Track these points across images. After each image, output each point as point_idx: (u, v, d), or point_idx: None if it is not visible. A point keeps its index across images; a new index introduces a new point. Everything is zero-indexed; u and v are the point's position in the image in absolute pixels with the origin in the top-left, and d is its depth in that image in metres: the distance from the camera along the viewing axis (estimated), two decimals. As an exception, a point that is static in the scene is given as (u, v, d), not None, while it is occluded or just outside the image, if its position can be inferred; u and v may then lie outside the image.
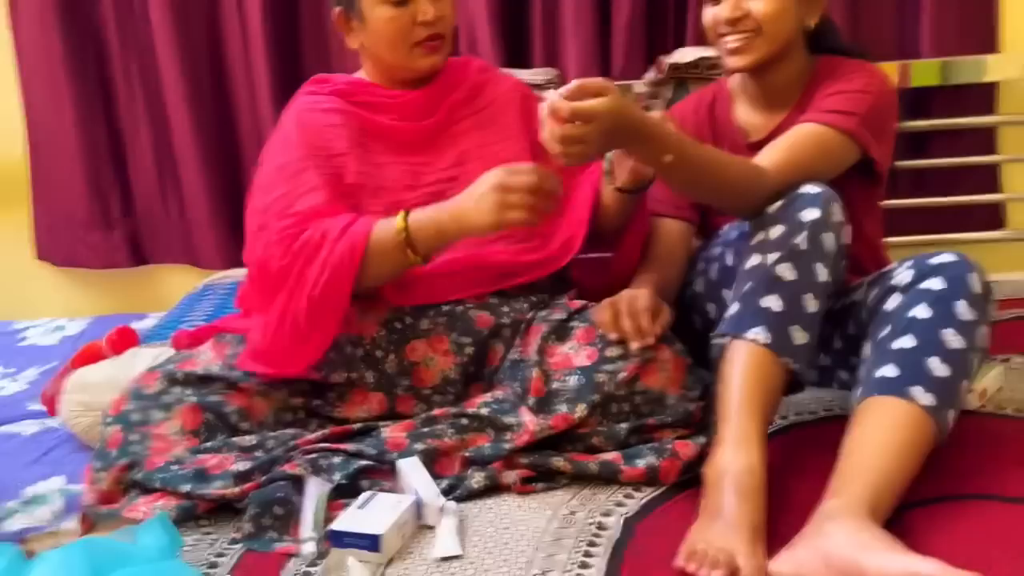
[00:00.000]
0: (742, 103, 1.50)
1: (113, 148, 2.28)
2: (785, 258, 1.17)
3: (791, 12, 1.37)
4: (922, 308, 1.13)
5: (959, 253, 1.18)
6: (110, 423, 1.31)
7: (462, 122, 1.48)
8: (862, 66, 1.40)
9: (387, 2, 1.39)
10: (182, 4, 2.12)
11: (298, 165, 1.39)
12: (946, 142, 2.05)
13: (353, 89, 1.48)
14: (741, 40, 1.37)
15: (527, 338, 1.37)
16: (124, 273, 2.38)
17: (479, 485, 1.18)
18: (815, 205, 1.19)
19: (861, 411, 1.10)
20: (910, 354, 1.10)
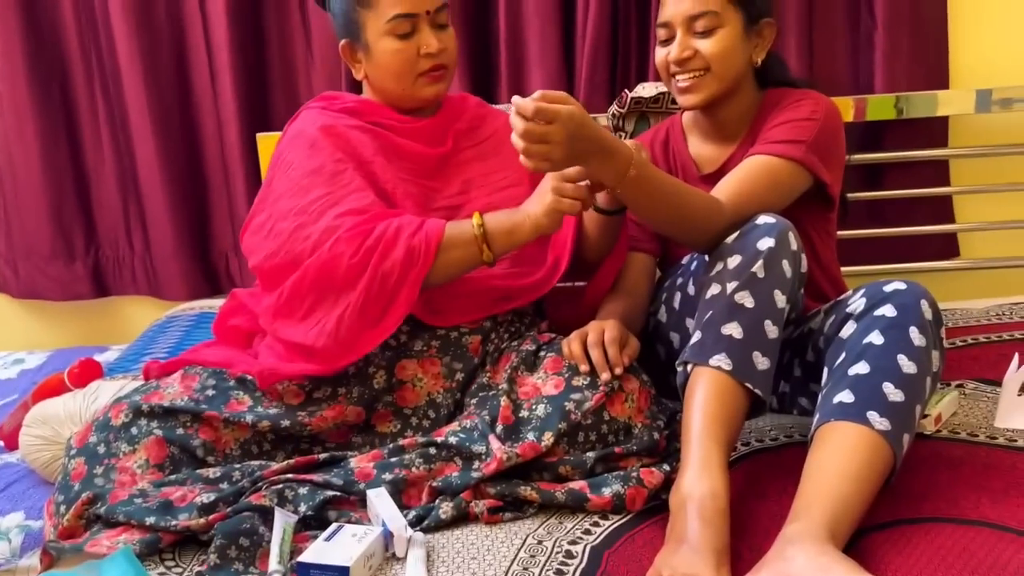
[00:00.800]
0: (694, 137, 1.56)
1: (77, 180, 2.27)
2: (744, 286, 1.20)
3: (738, 50, 1.42)
4: (876, 335, 1.16)
5: (910, 281, 1.21)
6: (74, 455, 1.29)
7: (465, 151, 1.52)
8: (806, 94, 1.46)
9: (392, 35, 1.42)
10: (149, 36, 2.13)
11: (335, 167, 1.40)
12: (901, 174, 2.11)
13: (365, 109, 1.50)
14: (691, 79, 1.42)
15: (497, 365, 1.39)
16: (85, 305, 2.36)
17: (447, 516, 1.18)
18: (770, 235, 1.22)
19: (819, 436, 1.13)
20: (865, 380, 1.13)
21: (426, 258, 1.30)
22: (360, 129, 1.46)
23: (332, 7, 1.50)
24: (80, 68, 2.21)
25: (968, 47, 2.07)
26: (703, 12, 1.40)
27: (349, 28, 1.46)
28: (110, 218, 2.28)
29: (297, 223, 1.37)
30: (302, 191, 1.39)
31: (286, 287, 1.35)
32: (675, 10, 1.42)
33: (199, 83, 2.17)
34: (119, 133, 2.21)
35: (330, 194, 1.37)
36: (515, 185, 1.49)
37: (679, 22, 1.42)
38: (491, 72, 2.13)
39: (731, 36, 1.41)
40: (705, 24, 1.40)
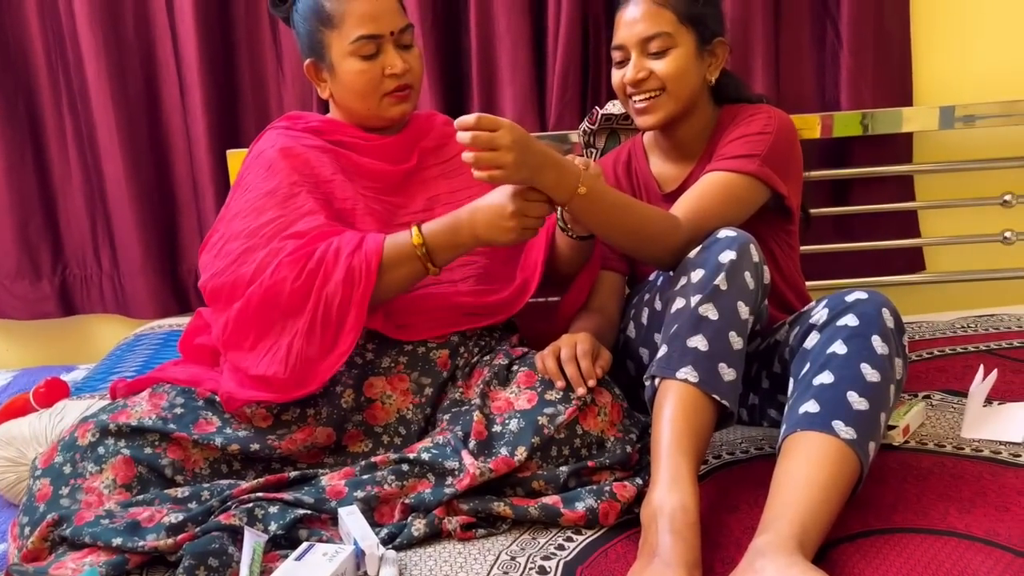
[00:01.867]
0: (655, 156, 1.59)
1: (43, 197, 2.24)
2: (707, 299, 1.21)
3: (692, 70, 1.45)
4: (839, 344, 1.17)
5: (871, 290, 1.23)
6: (39, 476, 1.27)
7: (431, 169, 1.52)
8: (759, 109, 1.49)
9: (356, 55, 1.42)
10: (118, 52, 2.11)
11: (289, 190, 1.39)
12: (867, 190, 2.14)
13: (328, 128, 1.50)
14: (647, 100, 1.46)
15: (469, 380, 1.39)
16: (52, 324, 2.32)
17: (419, 533, 1.17)
18: (731, 247, 1.24)
19: (786, 447, 1.14)
20: (829, 389, 1.14)
21: (368, 278, 1.29)
22: (321, 149, 1.46)
23: (297, 27, 1.49)
24: (47, 84, 2.18)
25: (931, 65, 2.11)
26: (656, 34, 1.43)
27: (314, 48, 1.46)
28: (77, 236, 2.25)
29: (246, 246, 1.36)
30: (255, 212, 1.39)
31: (231, 316, 1.33)
32: (628, 32, 1.45)
33: (168, 100, 2.16)
34: (87, 150, 2.19)
35: (282, 217, 1.37)
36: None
37: (633, 44, 1.45)
38: (462, 90, 2.14)
39: (684, 56, 1.44)
40: (658, 45, 1.43)
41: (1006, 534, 1.08)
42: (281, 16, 1.55)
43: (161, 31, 2.13)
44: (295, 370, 1.29)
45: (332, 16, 1.42)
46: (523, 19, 2.04)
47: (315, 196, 1.40)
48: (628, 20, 1.46)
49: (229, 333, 1.34)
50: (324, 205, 1.40)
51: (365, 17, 1.42)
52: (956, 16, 2.10)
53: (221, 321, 1.35)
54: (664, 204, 1.46)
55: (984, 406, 1.41)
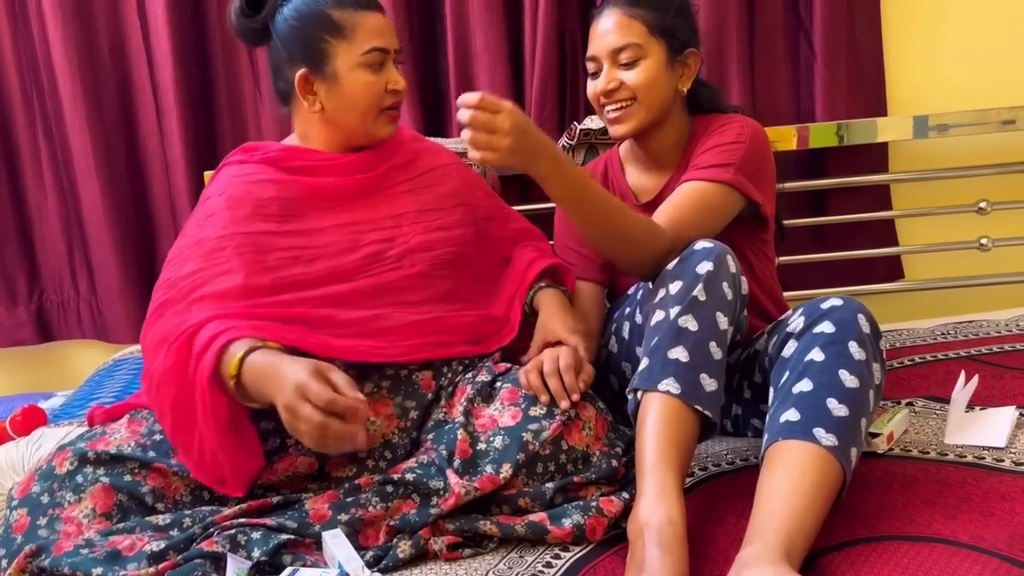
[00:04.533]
0: (631, 167, 1.60)
1: (19, 223, 2.22)
2: (686, 310, 1.22)
3: (663, 80, 1.47)
4: (816, 352, 1.18)
5: (847, 297, 1.24)
6: (16, 506, 1.25)
7: (398, 186, 1.49)
8: (731, 118, 1.50)
9: (365, 67, 1.41)
10: (93, 75, 2.10)
11: (216, 243, 1.37)
12: (844, 200, 2.16)
13: (286, 155, 1.47)
14: (619, 109, 1.47)
15: (452, 399, 1.37)
16: (28, 351, 2.30)
17: (405, 555, 1.15)
18: (708, 258, 1.25)
19: (769, 456, 1.13)
20: (809, 397, 1.14)
21: (203, 396, 1.21)
22: (273, 186, 1.42)
23: (284, 34, 1.42)
24: (21, 109, 2.17)
25: (904, 76, 2.14)
26: (626, 45, 1.44)
27: (313, 58, 1.41)
28: (54, 261, 2.23)
29: (164, 298, 1.35)
30: (180, 262, 1.38)
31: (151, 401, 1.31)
32: (600, 44, 1.47)
33: (145, 123, 2.15)
34: (63, 175, 2.17)
35: (201, 271, 1.34)
36: (449, 228, 1.48)
37: (604, 55, 1.46)
38: (440, 109, 2.14)
39: (654, 66, 1.45)
40: (629, 56, 1.44)
41: (991, 539, 1.08)
42: (252, 27, 1.45)
43: (136, 55, 2.12)
44: (213, 476, 1.25)
45: (342, 26, 1.40)
46: (500, 37, 2.05)
47: (245, 249, 1.36)
48: (600, 32, 1.47)
49: (158, 417, 1.32)
50: (253, 260, 1.35)
51: (377, 30, 1.41)
52: (927, 27, 2.13)
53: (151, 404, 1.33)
54: (647, 213, 1.47)
55: (966, 411, 1.42)
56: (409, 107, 2.07)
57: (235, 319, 1.27)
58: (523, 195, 2.14)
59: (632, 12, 1.45)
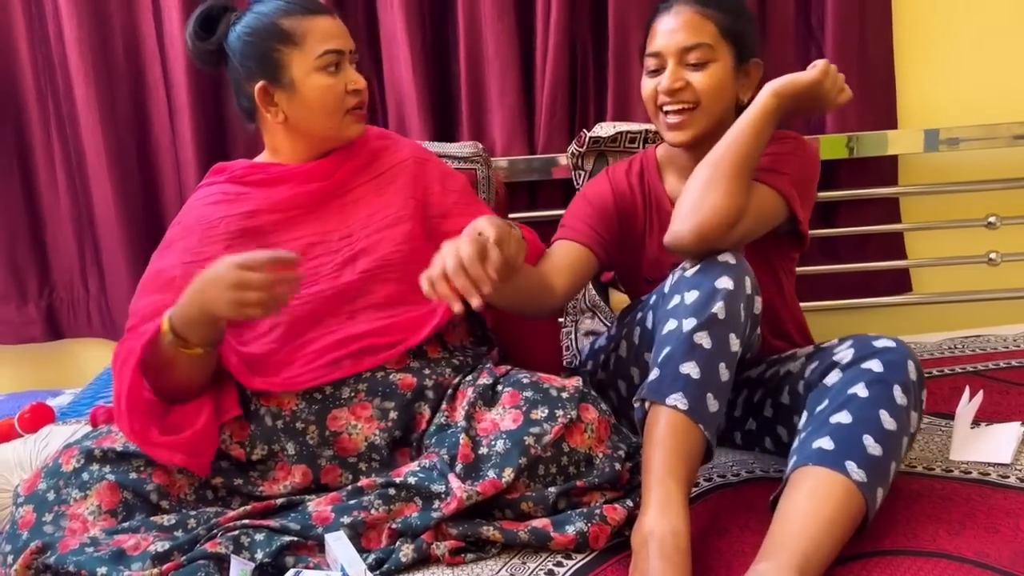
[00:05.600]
0: (671, 174, 1.53)
1: (31, 221, 2.22)
2: (703, 326, 1.20)
3: (728, 87, 1.41)
4: (860, 387, 1.17)
5: (898, 340, 1.23)
6: (22, 503, 1.26)
7: (358, 188, 1.49)
8: (789, 134, 1.45)
9: (321, 71, 1.42)
10: (107, 75, 2.11)
11: (169, 273, 1.42)
12: (853, 212, 2.16)
13: (250, 171, 1.49)
14: (679, 114, 1.39)
15: (454, 403, 1.38)
16: (38, 348, 2.30)
17: (408, 558, 1.16)
18: (729, 275, 1.23)
19: (795, 479, 1.13)
20: (846, 429, 1.14)
21: (122, 377, 1.28)
22: (228, 205, 1.44)
23: (240, 51, 1.43)
24: (35, 109, 2.17)
25: (915, 89, 2.14)
26: (697, 44, 1.37)
27: (267, 69, 1.42)
28: (65, 259, 2.24)
29: (129, 325, 1.40)
30: (143, 292, 1.43)
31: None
32: (667, 40, 1.39)
33: (158, 123, 2.16)
34: (75, 173, 2.18)
35: (156, 302, 1.39)
36: (395, 225, 1.46)
37: (671, 52, 1.39)
38: (451, 114, 2.15)
39: (723, 71, 1.39)
40: (698, 56, 1.37)
41: (995, 555, 1.08)
42: (208, 49, 1.47)
43: (150, 55, 2.12)
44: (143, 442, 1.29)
45: (292, 34, 1.41)
46: (511, 43, 2.06)
47: (191, 280, 1.37)
48: (668, 28, 1.39)
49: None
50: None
51: (328, 33, 1.43)
52: (939, 40, 2.13)
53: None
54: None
55: (972, 427, 1.42)
56: (419, 112, 2.07)
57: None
58: (531, 202, 2.15)
59: (705, 11, 1.38)
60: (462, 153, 1.91)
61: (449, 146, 1.93)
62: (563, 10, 2.02)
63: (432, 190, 1.54)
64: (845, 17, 2.04)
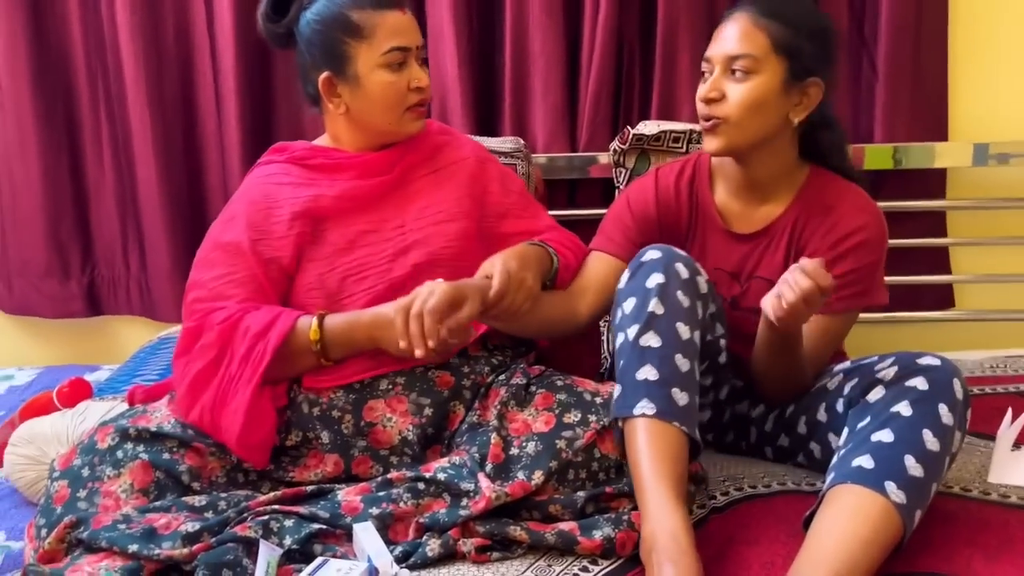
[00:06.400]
0: (721, 185, 1.48)
1: (76, 198, 2.26)
2: (644, 328, 1.21)
3: (772, 103, 1.34)
4: (904, 405, 1.15)
5: (943, 357, 1.21)
6: (57, 478, 1.28)
7: (418, 181, 1.49)
8: (855, 204, 1.39)
9: (386, 67, 1.41)
10: (156, 58, 2.13)
11: (238, 247, 1.41)
12: (898, 224, 2.11)
13: (311, 154, 1.49)
14: (711, 123, 1.37)
15: (486, 401, 1.37)
16: (77, 323, 2.34)
17: (434, 553, 1.16)
18: (657, 270, 1.24)
19: (832, 497, 1.12)
20: (887, 448, 1.12)
21: (258, 363, 1.31)
22: (292, 188, 1.45)
23: (308, 38, 1.44)
24: (85, 87, 2.21)
25: (967, 101, 2.09)
26: (743, 54, 1.32)
27: (334, 60, 1.42)
28: (107, 237, 2.27)
29: (196, 296, 1.41)
30: (207, 265, 1.43)
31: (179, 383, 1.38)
32: (718, 47, 1.36)
33: (204, 107, 2.18)
34: (121, 153, 2.21)
35: (224, 276, 1.40)
36: (449, 221, 1.46)
37: (719, 60, 1.35)
38: (494, 108, 2.14)
39: (765, 85, 1.32)
40: (743, 66, 1.33)
41: (1033, 585, 1.05)
42: (278, 32, 1.47)
43: (200, 40, 2.14)
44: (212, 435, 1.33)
45: (362, 27, 1.40)
46: (558, 41, 2.05)
47: (264, 256, 1.41)
48: (722, 35, 1.36)
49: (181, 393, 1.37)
50: (271, 265, 1.41)
51: (396, 29, 1.41)
52: (994, 52, 2.08)
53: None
54: (731, 241, 1.43)
55: (1012, 450, 1.39)
56: (462, 106, 2.07)
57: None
58: (570, 199, 2.14)
59: (760, 22, 1.33)
60: (503, 148, 1.90)
61: (491, 141, 1.92)
62: (612, 8, 2.00)
63: (491, 190, 1.53)
64: (900, 27, 2.00)
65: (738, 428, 1.51)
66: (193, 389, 1.33)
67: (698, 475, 1.31)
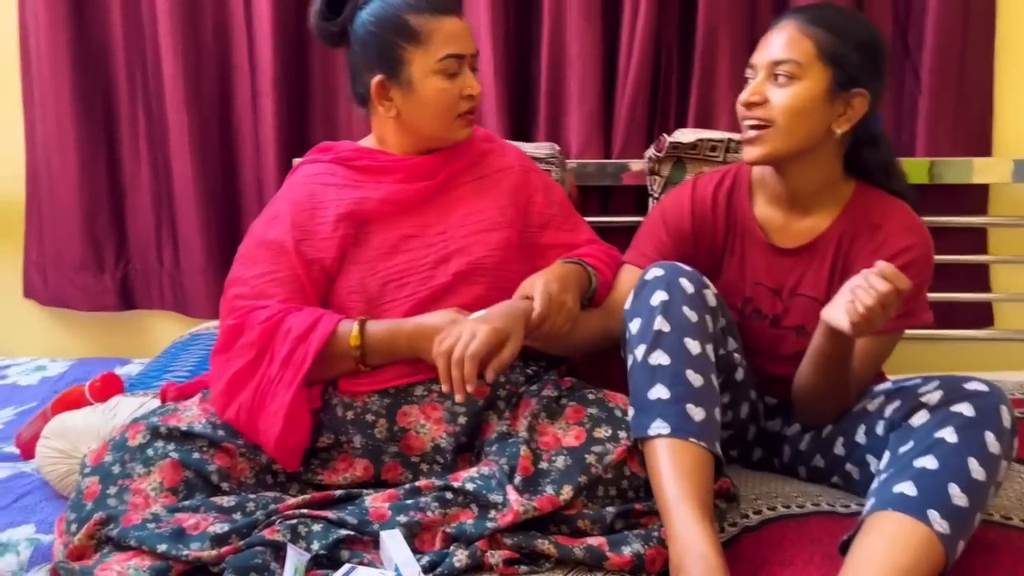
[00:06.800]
0: (761, 196, 1.45)
1: (112, 192, 2.27)
2: (652, 347, 1.21)
3: (815, 110, 1.31)
4: (949, 432, 1.13)
5: (991, 383, 1.18)
6: (88, 474, 1.29)
7: (461, 188, 1.48)
8: (903, 223, 1.37)
9: (440, 74, 1.39)
10: (195, 54, 2.14)
11: (282, 246, 1.41)
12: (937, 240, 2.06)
13: (357, 155, 1.48)
14: (754, 130, 1.34)
15: (517, 411, 1.36)
16: (110, 317, 2.36)
17: (461, 564, 1.15)
18: (660, 287, 1.24)
19: (872, 523, 1.09)
20: (931, 476, 1.10)
21: (300, 367, 1.32)
22: (337, 189, 1.45)
23: (362, 39, 1.42)
24: (124, 84, 2.22)
25: (1014, 117, 2.05)
26: (786, 59, 1.31)
27: (388, 64, 1.41)
28: (142, 232, 2.29)
29: (237, 292, 1.41)
30: (249, 262, 1.43)
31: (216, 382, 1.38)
32: (762, 54, 1.35)
33: (240, 105, 2.19)
34: (157, 149, 2.23)
35: (267, 275, 1.40)
36: (492, 230, 1.45)
37: (763, 65, 1.34)
38: (528, 112, 2.13)
39: (807, 92, 1.30)
40: (785, 71, 1.31)
41: (1078, 621, 1.02)
42: (331, 30, 1.45)
43: (238, 37, 2.15)
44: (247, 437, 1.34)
45: (418, 32, 1.39)
46: (595, 45, 2.03)
47: (307, 256, 1.41)
48: (767, 42, 1.35)
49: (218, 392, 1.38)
50: (314, 265, 1.41)
51: (452, 36, 1.40)
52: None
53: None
54: (773, 256, 1.41)
55: (1054, 477, 1.35)
56: (496, 110, 2.06)
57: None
58: (603, 207, 2.12)
59: (807, 29, 1.31)
60: (538, 154, 1.89)
61: (526, 146, 1.91)
62: (651, 14, 1.98)
63: (534, 200, 1.52)
64: (945, 38, 1.96)
65: (769, 446, 1.48)
66: (231, 387, 1.33)
67: (729, 492, 1.29)
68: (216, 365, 1.38)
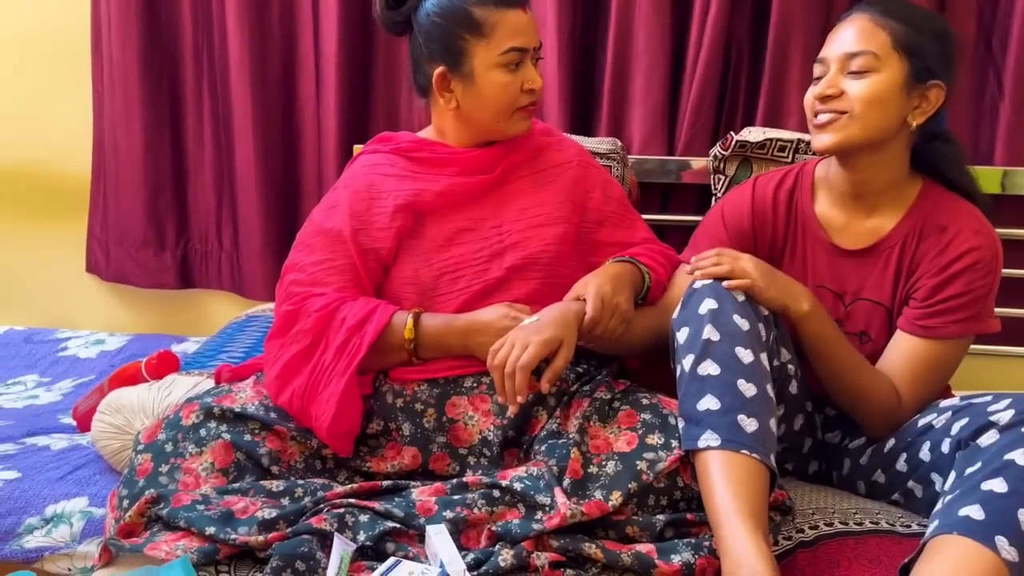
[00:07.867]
0: (824, 195, 1.42)
1: (176, 173, 2.31)
2: (701, 356, 1.18)
3: (892, 101, 1.28)
4: (1020, 454, 1.07)
5: None
6: (141, 451, 1.30)
7: (518, 182, 1.47)
8: (969, 225, 1.33)
9: (503, 67, 1.38)
10: (261, 40, 2.16)
11: (339, 234, 1.41)
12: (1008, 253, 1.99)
13: (416, 147, 1.48)
14: (829, 116, 1.30)
15: (568, 411, 1.34)
16: (168, 294, 2.40)
17: (507, 564, 1.13)
18: (709, 296, 1.21)
19: (936, 546, 1.05)
20: (1000, 500, 1.05)
21: (354, 356, 1.32)
22: (396, 180, 1.44)
23: (426, 29, 1.40)
24: (191, 65, 2.25)
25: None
26: (861, 51, 1.28)
27: (451, 55, 1.39)
28: (203, 212, 2.32)
29: (294, 278, 1.42)
30: (307, 249, 1.44)
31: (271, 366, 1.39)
32: (835, 47, 1.31)
33: (304, 91, 2.19)
34: (221, 131, 2.25)
35: (324, 262, 1.41)
36: (548, 225, 1.44)
37: (835, 58, 1.30)
38: (590, 107, 2.09)
39: (886, 83, 1.27)
40: (860, 64, 1.28)
41: None
42: (395, 19, 1.43)
43: (304, 23, 2.16)
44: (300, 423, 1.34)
45: (482, 25, 1.37)
46: (663, 39, 1.98)
47: (364, 245, 1.41)
48: (839, 35, 1.32)
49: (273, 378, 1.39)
50: (371, 255, 1.42)
51: (517, 29, 1.38)
52: None
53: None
54: (835, 257, 1.37)
55: None
56: (559, 102, 2.03)
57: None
58: (663, 205, 2.08)
59: (880, 20, 1.28)
60: (599, 148, 1.85)
61: (587, 141, 1.88)
62: (723, 8, 1.93)
63: (592, 195, 1.50)
64: (1031, 43, 1.88)
65: (827, 459, 1.44)
66: (285, 373, 1.34)
67: (784, 505, 1.25)
68: (271, 350, 1.39)
